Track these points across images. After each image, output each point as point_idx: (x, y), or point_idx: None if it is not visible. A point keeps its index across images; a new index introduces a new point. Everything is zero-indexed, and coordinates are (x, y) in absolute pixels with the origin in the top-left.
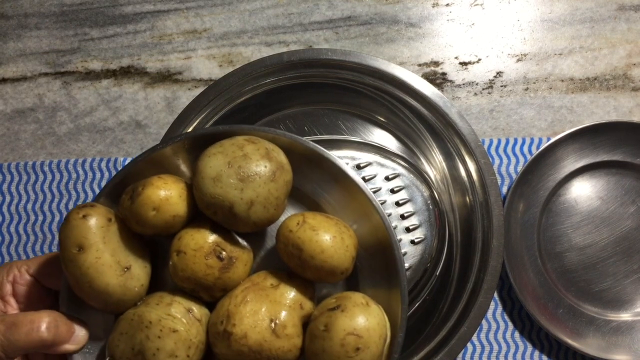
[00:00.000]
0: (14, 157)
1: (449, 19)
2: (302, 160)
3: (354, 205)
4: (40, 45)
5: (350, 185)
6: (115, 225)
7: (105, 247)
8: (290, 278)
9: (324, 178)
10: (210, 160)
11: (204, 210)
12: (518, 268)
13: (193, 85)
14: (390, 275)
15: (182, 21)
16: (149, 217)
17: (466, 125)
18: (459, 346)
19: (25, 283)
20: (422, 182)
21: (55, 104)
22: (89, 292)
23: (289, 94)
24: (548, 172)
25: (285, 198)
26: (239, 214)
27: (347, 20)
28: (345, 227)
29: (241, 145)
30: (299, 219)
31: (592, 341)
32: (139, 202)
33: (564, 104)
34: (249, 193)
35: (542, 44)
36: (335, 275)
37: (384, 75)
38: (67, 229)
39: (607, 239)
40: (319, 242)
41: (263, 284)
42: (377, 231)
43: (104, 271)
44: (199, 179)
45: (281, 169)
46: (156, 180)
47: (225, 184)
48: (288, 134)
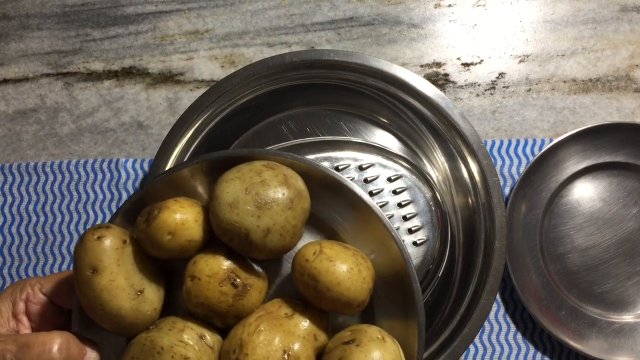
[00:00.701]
0: (16, 158)
1: (452, 19)
2: (320, 186)
3: (371, 234)
4: (42, 46)
5: (368, 213)
6: (130, 247)
7: (119, 270)
8: (305, 308)
9: (342, 205)
10: (228, 185)
11: (220, 236)
12: (520, 269)
13: (195, 86)
14: (408, 307)
15: (184, 22)
16: (164, 241)
17: (468, 126)
18: (461, 348)
19: (38, 302)
20: (424, 183)
21: (57, 104)
22: (101, 315)
23: (291, 95)
24: (550, 173)
25: (302, 226)
26: (255, 242)
27: (349, 21)
28: (363, 258)
29: (259, 171)
30: (315, 248)
31: (594, 343)
32: (155, 225)
33: (567, 105)
34: (265, 220)
35: (545, 45)
36: (351, 307)
37: (386, 76)
38: (81, 251)
39: (609, 240)
40: (335, 273)
41: (277, 313)
42: (395, 262)
43: (117, 294)
44: (216, 204)
45: (299, 196)
46: (172, 204)
47: (242, 211)
48: (307, 160)
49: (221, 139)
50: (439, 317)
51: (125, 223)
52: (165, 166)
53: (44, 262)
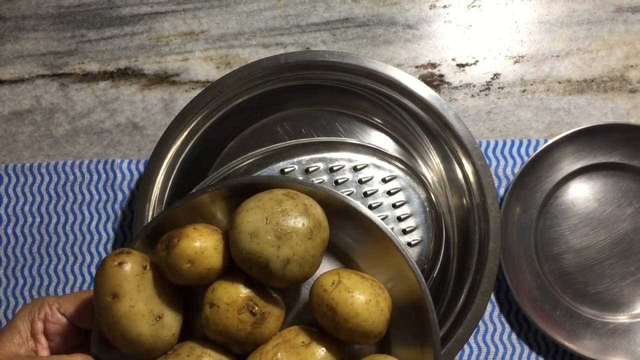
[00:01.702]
0: (11, 159)
1: (447, 20)
2: (337, 213)
3: (388, 262)
4: (37, 47)
5: (386, 242)
6: (150, 272)
7: (139, 296)
8: (322, 336)
9: (359, 232)
10: (248, 214)
11: (240, 264)
12: (515, 270)
13: (190, 87)
14: (424, 336)
15: (179, 23)
16: (184, 270)
17: (463, 127)
18: (455, 348)
19: (56, 321)
20: (419, 184)
21: (53, 105)
22: (120, 340)
23: (287, 96)
24: (545, 174)
25: (321, 256)
26: (274, 272)
27: (345, 22)
28: (381, 289)
29: (280, 200)
30: (334, 278)
31: (589, 343)
32: (174, 254)
33: (561, 105)
34: (285, 251)
35: (540, 45)
36: (368, 338)
37: (381, 77)
38: (102, 277)
39: (604, 241)
40: (353, 304)
41: (294, 341)
42: (412, 292)
43: (136, 320)
44: (236, 233)
45: (319, 226)
46: (192, 232)
47: (262, 241)
48: (325, 188)
49: (216, 140)
50: None
51: (146, 247)
52: (160, 167)
53: (39, 262)
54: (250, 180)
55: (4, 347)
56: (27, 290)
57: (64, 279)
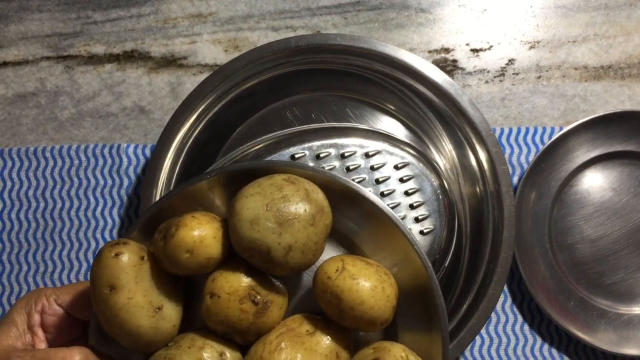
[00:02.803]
0: (15, 143)
1: (460, 4)
2: (340, 198)
3: (393, 247)
4: (42, 29)
5: (390, 226)
6: (147, 263)
7: (137, 288)
8: (327, 324)
9: (362, 216)
10: (248, 201)
11: (241, 253)
12: (529, 260)
13: (198, 70)
14: (431, 321)
15: (187, 5)
16: (183, 260)
17: (477, 113)
18: (467, 339)
19: (53, 313)
20: (431, 171)
21: (58, 88)
22: (119, 333)
23: (296, 80)
24: (560, 162)
25: (324, 242)
26: (276, 259)
27: (356, 5)
28: (386, 275)
29: (280, 186)
30: (338, 264)
31: (603, 335)
32: (172, 244)
33: (577, 92)
34: (287, 238)
35: (556, 30)
36: (375, 325)
37: (393, 62)
38: (99, 269)
39: (619, 230)
40: (359, 292)
41: (298, 330)
42: (418, 276)
43: (135, 312)
44: (236, 220)
45: (321, 212)
46: (190, 221)
47: (263, 228)
48: (327, 172)
49: (224, 124)
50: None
51: (143, 237)
52: (167, 152)
53: (44, 248)
54: (249, 165)
55: (1, 341)
56: (31, 276)
57: (69, 265)
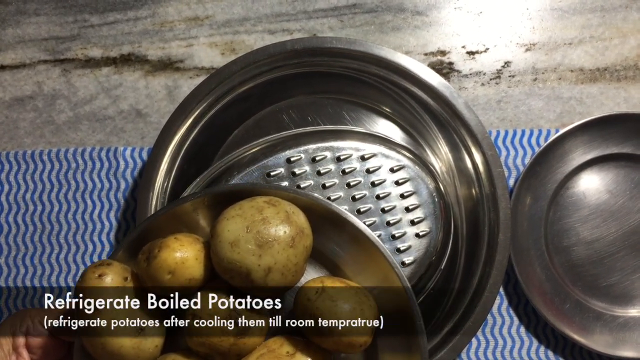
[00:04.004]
0: (13, 146)
1: (457, 7)
2: (322, 220)
3: (374, 269)
4: (39, 32)
5: (371, 248)
6: (131, 284)
7: (119, 309)
8: (307, 346)
9: (344, 239)
10: (229, 223)
11: (221, 274)
12: (524, 262)
13: (195, 73)
14: (411, 342)
15: (184, 8)
16: (165, 281)
17: (473, 116)
18: (463, 341)
19: (38, 334)
20: (427, 174)
21: (55, 91)
22: (101, 354)
23: (293, 83)
24: (556, 164)
25: (304, 263)
26: (256, 281)
27: (352, 7)
28: (366, 297)
29: (260, 208)
30: (318, 286)
31: (599, 337)
32: (155, 265)
33: (573, 94)
34: (266, 259)
35: (552, 33)
36: (354, 347)
37: (389, 65)
38: (82, 290)
39: (615, 233)
40: (337, 314)
41: (279, 352)
42: (398, 298)
43: (117, 333)
44: (217, 242)
45: (301, 233)
46: (172, 242)
47: (242, 250)
48: (309, 195)
49: (221, 127)
50: (441, 310)
51: (127, 257)
52: (164, 155)
53: (41, 251)
54: (232, 187)
55: None
56: (29, 279)
57: (66, 268)
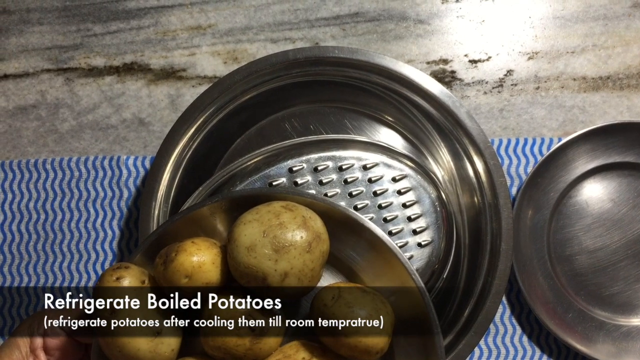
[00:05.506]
0: (16, 155)
1: (459, 15)
2: (339, 226)
3: (391, 275)
4: (42, 41)
5: (388, 254)
6: (148, 287)
7: (137, 311)
8: (323, 352)
9: (361, 244)
10: (246, 228)
11: (238, 279)
12: (527, 271)
13: (197, 82)
14: (428, 350)
15: (186, 17)
16: (181, 284)
17: (475, 124)
18: (466, 351)
19: (55, 336)
20: (429, 183)
21: (58, 100)
22: (118, 356)
23: (295, 92)
24: (559, 173)
25: (321, 269)
26: (272, 286)
27: (355, 16)
28: (383, 303)
29: (277, 213)
30: (334, 292)
31: (601, 346)
32: (172, 269)
33: (576, 103)
34: (283, 264)
35: (554, 41)
36: (370, 354)
37: (391, 74)
38: (100, 292)
39: (618, 242)
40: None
41: (295, 357)
42: (415, 305)
43: (134, 336)
44: (233, 247)
45: (317, 239)
46: (189, 246)
47: (259, 254)
48: (326, 200)
49: (223, 136)
50: (444, 319)
51: (145, 261)
52: (166, 164)
53: (44, 260)
54: (249, 192)
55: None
56: (32, 287)
57: (69, 276)
